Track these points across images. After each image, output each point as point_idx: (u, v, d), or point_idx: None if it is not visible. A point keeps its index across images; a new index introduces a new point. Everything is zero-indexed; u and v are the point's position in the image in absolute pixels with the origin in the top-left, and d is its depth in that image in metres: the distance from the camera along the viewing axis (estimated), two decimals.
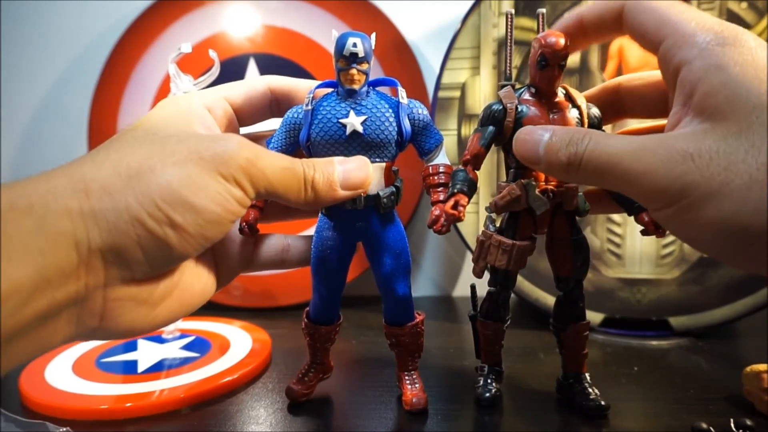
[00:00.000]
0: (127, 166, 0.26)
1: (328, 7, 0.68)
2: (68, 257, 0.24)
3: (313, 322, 0.40)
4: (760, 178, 0.23)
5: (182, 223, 0.26)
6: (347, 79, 0.34)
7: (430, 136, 0.36)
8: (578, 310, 0.39)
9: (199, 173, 0.27)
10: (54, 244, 0.23)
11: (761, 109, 0.24)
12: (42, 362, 0.47)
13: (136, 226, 0.25)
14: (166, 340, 0.52)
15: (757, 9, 0.53)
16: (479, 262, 0.37)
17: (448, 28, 0.68)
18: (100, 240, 0.24)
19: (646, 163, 0.26)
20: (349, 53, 0.33)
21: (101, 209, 0.24)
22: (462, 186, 0.34)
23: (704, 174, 0.24)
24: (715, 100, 0.25)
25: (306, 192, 0.31)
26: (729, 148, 0.24)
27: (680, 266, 0.56)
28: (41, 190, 0.24)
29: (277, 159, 0.30)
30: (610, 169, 0.27)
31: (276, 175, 0.29)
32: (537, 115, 0.35)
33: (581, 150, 0.28)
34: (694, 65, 0.26)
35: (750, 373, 0.39)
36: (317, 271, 0.38)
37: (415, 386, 0.39)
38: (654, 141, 0.26)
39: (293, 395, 0.40)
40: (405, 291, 0.38)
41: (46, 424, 0.36)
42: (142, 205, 0.25)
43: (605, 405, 0.38)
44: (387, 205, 0.36)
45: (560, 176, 0.31)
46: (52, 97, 0.76)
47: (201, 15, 0.69)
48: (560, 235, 0.38)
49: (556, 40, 0.33)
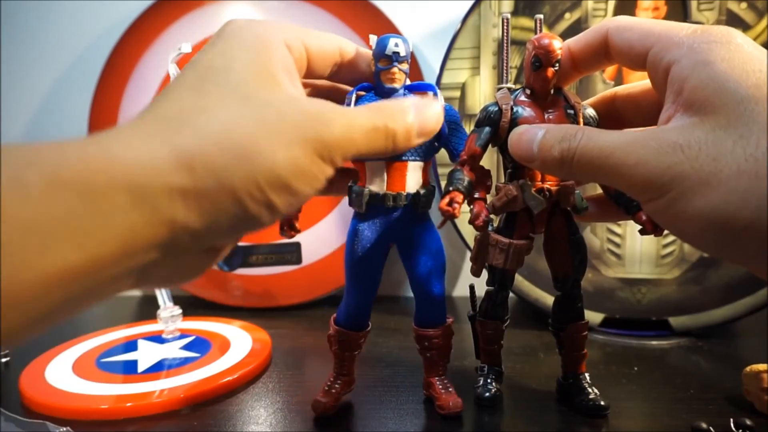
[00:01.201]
0: (232, 143, 0.24)
1: (328, 7, 0.68)
2: (159, 234, 0.23)
3: (343, 327, 0.39)
4: (748, 169, 0.24)
5: (278, 204, 0.26)
6: (388, 77, 0.34)
7: (461, 140, 0.37)
8: (577, 310, 0.39)
9: (302, 156, 0.26)
10: (147, 222, 0.22)
11: (749, 101, 0.24)
12: (42, 362, 0.47)
13: (236, 206, 0.25)
14: (166, 340, 0.52)
15: (757, 9, 0.53)
16: (477, 262, 0.37)
17: (448, 28, 0.68)
18: (196, 219, 0.24)
19: (637, 155, 0.26)
20: (392, 52, 0.34)
21: (205, 188, 0.23)
22: (458, 184, 0.35)
23: (693, 165, 0.25)
24: (704, 93, 0.26)
25: (387, 147, 0.30)
26: (718, 139, 0.24)
27: (680, 266, 0.56)
28: (142, 160, 0.22)
29: (364, 121, 0.29)
30: (603, 162, 0.27)
31: (364, 139, 0.29)
32: (532, 115, 0.35)
33: (574, 145, 0.28)
34: (682, 63, 0.27)
35: (750, 373, 0.39)
36: (353, 274, 0.37)
37: (449, 390, 0.39)
38: (645, 134, 0.27)
39: (321, 408, 0.38)
40: (441, 291, 0.38)
41: (46, 424, 0.36)
42: (246, 187, 0.25)
43: (605, 405, 0.38)
44: (425, 204, 0.36)
45: (555, 172, 0.32)
46: (52, 97, 0.76)
47: (201, 15, 0.69)
48: (558, 235, 0.38)
49: (549, 42, 0.34)
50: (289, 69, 0.30)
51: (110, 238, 0.21)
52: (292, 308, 0.66)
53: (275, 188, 0.25)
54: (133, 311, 0.69)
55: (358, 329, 0.39)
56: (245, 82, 0.27)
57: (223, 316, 0.60)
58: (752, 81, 0.25)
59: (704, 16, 0.54)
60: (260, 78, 0.28)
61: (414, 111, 0.31)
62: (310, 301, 0.67)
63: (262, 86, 0.27)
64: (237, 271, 0.68)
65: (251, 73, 0.27)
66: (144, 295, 0.75)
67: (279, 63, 0.29)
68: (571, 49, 0.34)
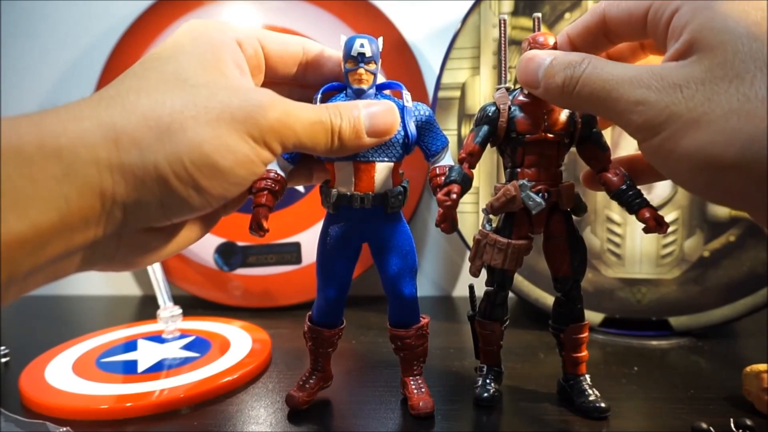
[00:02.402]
0: (158, 119, 0.25)
1: (328, 7, 0.68)
2: (92, 206, 0.24)
3: (316, 324, 0.39)
4: (738, 108, 0.24)
5: (206, 186, 0.26)
6: (355, 78, 0.34)
7: (436, 138, 0.37)
8: (577, 311, 0.39)
9: (229, 134, 0.26)
10: (79, 193, 0.23)
11: (748, 38, 0.24)
12: (42, 362, 0.47)
13: (160, 184, 0.25)
14: (166, 340, 0.52)
15: None
16: (475, 261, 0.37)
17: (448, 28, 0.68)
18: (124, 193, 0.25)
19: (638, 94, 0.26)
20: (357, 53, 0.34)
21: (129, 163, 0.24)
22: (456, 177, 0.35)
23: (688, 105, 0.25)
24: (703, 34, 0.26)
25: (332, 143, 0.31)
26: (714, 79, 0.25)
27: (680, 266, 0.56)
28: (71, 132, 0.23)
29: (305, 113, 0.29)
30: (605, 95, 0.27)
31: (305, 130, 0.29)
32: (529, 114, 0.35)
33: (578, 73, 0.29)
34: (682, 11, 0.27)
35: (750, 373, 0.39)
36: (323, 272, 0.38)
37: (422, 391, 0.39)
38: (648, 72, 0.27)
39: (294, 402, 0.39)
40: (411, 292, 0.38)
41: (46, 424, 0.36)
42: (170, 164, 0.25)
43: (606, 407, 0.38)
44: (395, 204, 0.36)
45: (556, 100, 0.31)
46: (52, 97, 0.76)
47: (201, 15, 0.70)
48: (557, 235, 0.38)
49: (544, 39, 0.34)
50: (239, 64, 0.30)
51: (47, 206, 0.22)
52: (292, 308, 0.66)
53: (200, 167, 0.26)
54: (133, 311, 0.69)
55: (330, 326, 0.39)
56: (185, 69, 0.28)
57: (223, 316, 0.60)
58: (752, 19, 0.25)
59: None
60: (203, 66, 0.28)
61: (363, 111, 0.31)
62: (310, 301, 0.66)
63: (203, 73, 0.28)
64: (237, 271, 0.68)
65: (195, 63, 0.28)
66: (144, 295, 0.75)
67: (228, 57, 0.30)
68: (569, 35, 0.34)
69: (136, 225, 0.26)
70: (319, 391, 0.41)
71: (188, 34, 0.30)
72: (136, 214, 0.26)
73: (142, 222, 0.27)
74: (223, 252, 0.68)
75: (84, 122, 0.24)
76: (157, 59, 0.28)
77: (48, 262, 0.24)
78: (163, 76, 0.27)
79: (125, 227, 0.26)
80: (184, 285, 0.69)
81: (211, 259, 0.68)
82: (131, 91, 0.26)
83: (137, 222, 0.26)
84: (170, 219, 0.27)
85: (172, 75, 0.27)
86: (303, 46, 0.35)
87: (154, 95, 0.26)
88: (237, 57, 0.30)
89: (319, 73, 0.36)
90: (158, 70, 0.27)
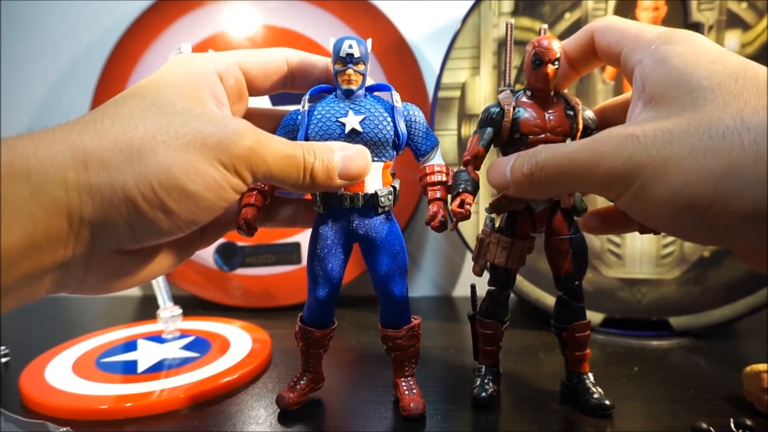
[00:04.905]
0: (129, 142, 0.26)
1: (328, 7, 0.68)
2: (59, 226, 0.24)
3: (306, 325, 0.39)
4: (702, 147, 0.24)
5: (175, 209, 0.27)
6: (344, 79, 0.35)
7: (426, 138, 0.37)
8: (578, 310, 0.39)
9: (199, 160, 0.27)
10: (47, 213, 0.24)
11: (701, 90, 0.25)
12: (42, 362, 0.47)
13: (128, 205, 0.25)
14: (166, 340, 0.52)
15: (757, 9, 0.53)
16: (479, 261, 0.38)
17: (448, 28, 0.68)
18: (92, 213, 0.25)
19: (597, 152, 0.27)
20: (345, 54, 0.34)
21: (97, 184, 0.25)
22: (466, 185, 0.35)
23: (651, 152, 0.25)
24: (660, 88, 0.27)
25: (304, 179, 0.31)
26: (672, 125, 0.25)
27: (680, 266, 0.56)
28: (40, 154, 0.24)
29: (278, 146, 0.30)
30: (569, 167, 0.28)
31: (277, 163, 0.30)
32: (534, 116, 0.36)
33: (540, 158, 0.30)
34: (644, 63, 0.29)
35: (750, 373, 0.39)
36: (313, 272, 0.38)
37: (413, 392, 0.39)
38: (605, 133, 0.27)
39: (284, 403, 0.39)
40: (402, 292, 0.38)
41: (46, 424, 0.36)
42: (138, 186, 0.25)
43: (610, 404, 0.38)
44: (385, 204, 0.36)
45: (527, 191, 0.32)
46: (52, 97, 0.76)
47: (201, 15, 0.69)
48: (558, 234, 0.38)
49: (549, 42, 0.35)
50: (217, 95, 0.32)
51: (14, 226, 0.23)
52: (292, 308, 0.66)
53: (168, 190, 0.26)
54: (133, 311, 0.69)
55: (321, 327, 0.39)
56: (163, 97, 0.28)
57: (223, 316, 0.60)
58: (703, 72, 0.26)
59: (704, 16, 0.54)
60: (182, 95, 0.29)
61: (338, 154, 0.32)
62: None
63: (180, 101, 0.29)
64: (237, 271, 0.68)
65: (173, 92, 0.29)
66: (144, 295, 0.75)
67: (206, 89, 0.31)
68: (565, 49, 0.35)
69: (106, 246, 0.27)
70: (311, 392, 0.40)
71: (170, 67, 0.31)
72: (104, 234, 0.26)
73: (111, 243, 0.27)
74: (223, 252, 0.68)
75: (56, 145, 0.25)
76: (138, 89, 0.29)
77: (18, 283, 0.24)
78: (140, 104, 0.28)
79: (95, 248, 0.26)
80: (184, 285, 0.69)
81: (211, 259, 0.68)
82: (106, 117, 0.27)
83: (106, 243, 0.26)
84: (140, 241, 0.27)
85: (149, 103, 0.28)
86: (286, 58, 0.36)
87: (128, 121, 0.27)
88: (216, 89, 0.32)
89: (306, 80, 0.36)
90: (137, 98, 0.28)
